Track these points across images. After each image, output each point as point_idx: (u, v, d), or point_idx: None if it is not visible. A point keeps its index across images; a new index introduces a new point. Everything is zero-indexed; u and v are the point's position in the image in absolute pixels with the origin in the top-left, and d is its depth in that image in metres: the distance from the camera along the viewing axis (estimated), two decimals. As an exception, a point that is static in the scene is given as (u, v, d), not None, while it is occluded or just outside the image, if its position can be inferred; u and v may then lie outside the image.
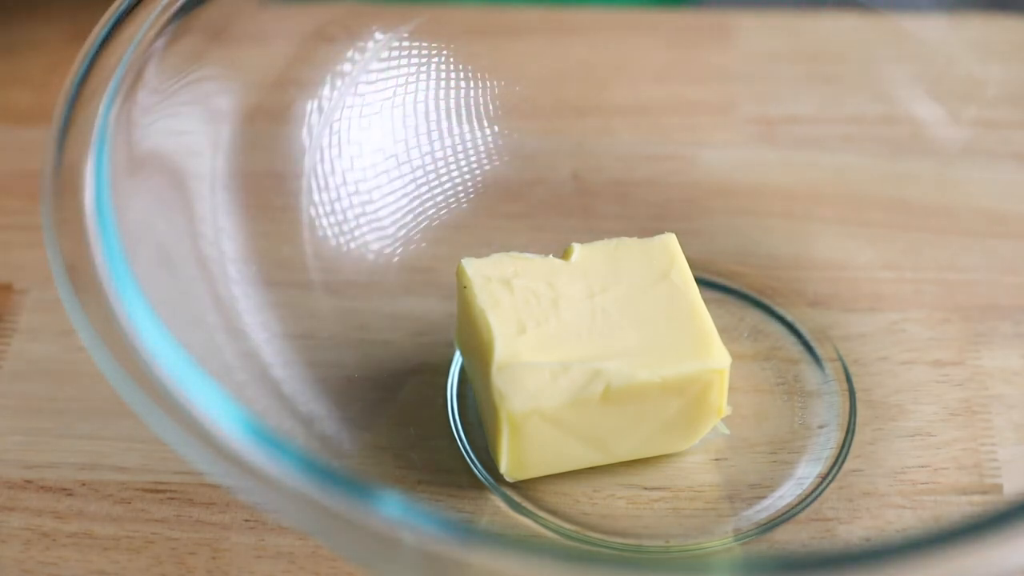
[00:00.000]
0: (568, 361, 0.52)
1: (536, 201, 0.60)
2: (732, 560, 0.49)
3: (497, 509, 0.53)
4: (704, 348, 0.52)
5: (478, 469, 0.54)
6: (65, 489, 0.54)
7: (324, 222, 0.57)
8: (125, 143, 0.49)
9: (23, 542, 0.53)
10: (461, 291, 0.54)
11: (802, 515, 0.52)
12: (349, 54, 0.59)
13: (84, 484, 0.54)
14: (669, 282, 0.54)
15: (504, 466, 0.52)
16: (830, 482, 0.53)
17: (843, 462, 0.54)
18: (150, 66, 0.51)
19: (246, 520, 0.53)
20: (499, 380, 0.51)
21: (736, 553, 0.52)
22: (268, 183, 0.56)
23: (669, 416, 0.52)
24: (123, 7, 0.52)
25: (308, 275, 0.56)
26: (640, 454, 0.53)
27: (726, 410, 0.53)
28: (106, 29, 0.51)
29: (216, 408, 0.43)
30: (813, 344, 0.57)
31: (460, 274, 0.54)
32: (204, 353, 0.47)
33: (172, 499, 0.54)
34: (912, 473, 0.53)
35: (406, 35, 0.60)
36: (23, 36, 0.71)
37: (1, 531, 0.53)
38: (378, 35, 0.59)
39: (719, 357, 0.52)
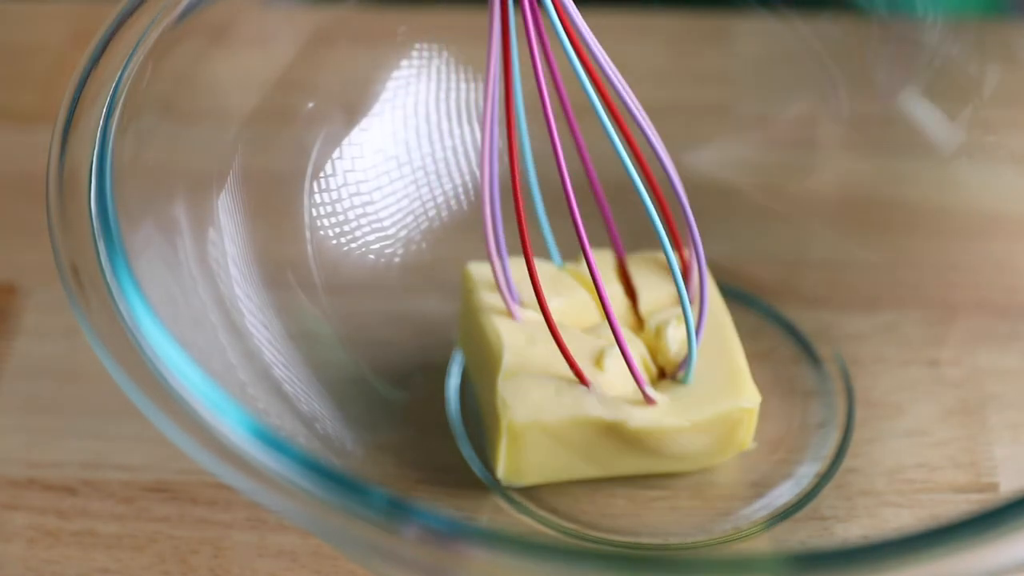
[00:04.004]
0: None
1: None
2: (731, 558, 0.49)
3: (497, 507, 0.53)
4: (734, 386, 0.52)
5: (478, 468, 0.54)
6: (68, 488, 0.55)
7: (325, 222, 0.57)
8: (128, 144, 0.50)
9: (27, 540, 0.53)
10: (467, 295, 0.54)
11: (800, 513, 0.53)
12: (350, 56, 0.59)
13: (87, 483, 0.55)
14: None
15: (501, 472, 0.52)
16: (828, 481, 0.53)
17: (841, 461, 0.54)
18: (153, 68, 0.51)
19: (248, 519, 0.54)
20: (504, 389, 0.51)
21: (734, 551, 0.52)
22: (270, 184, 0.56)
23: (689, 451, 0.52)
24: (126, 9, 0.52)
25: (310, 276, 0.56)
26: (642, 471, 0.53)
27: (750, 445, 0.53)
28: (109, 31, 0.51)
29: (217, 407, 0.43)
30: (811, 344, 0.57)
31: (466, 278, 0.54)
32: (206, 352, 0.47)
33: (175, 498, 0.54)
34: (909, 472, 0.53)
35: (406, 36, 0.60)
36: (27, 37, 0.71)
37: (5, 529, 0.54)
38: (379, 37, 0.60)
39: (750, 395, 0.52)
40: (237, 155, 0.55)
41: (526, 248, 0.49)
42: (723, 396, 0.52)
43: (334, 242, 0.57)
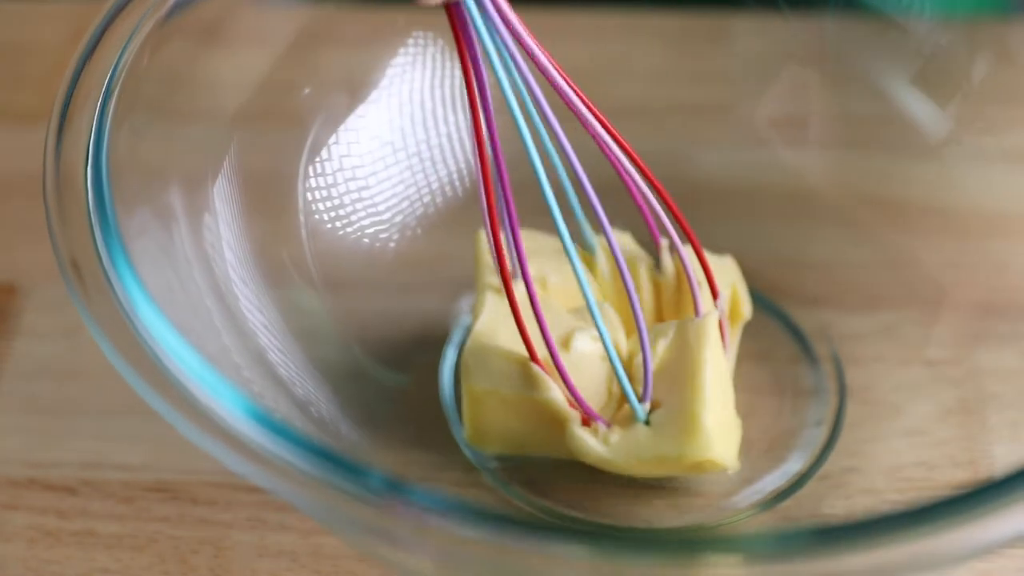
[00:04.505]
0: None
1: (534, 201, 0.60)
2: (701, 540, 0.49)
3: (491, 491, 0.53)
4: (685, 431, 0.50)
5: (471, 452, 0.54)
6: (68, 488, 0.55)
7: (320, 207, 0.57)
8: (124, 134, 0.50)
9: (27, 540, 0.53)
10: (475, 262, 0.55)
11: (799, 512, 0.53)
12: (347, 43, 0.59)
13: (87, 483, 0.55)
14: (685, 338, 0.52)
15: (465, 433, 0.53)
16: (812, 476, 0.53)
17: (827, 457, 0.54)
18: (149, 59, 0.51)
19: (248, 519, 0.54)
20: (469, 354, 0.52)
21: (710, 534, 0.52)
22: (266, 170, 0.56)
23: (647, 475, 0.52)
24: (119, 4, 0.52)
25: (304, 260, 0.56)
26: None
27: (735, 466, 0.52)
28: (99, 28, 0.51)
29: (214, 389, 0.43)
30: (810, 343, 0.57)
31: (476, 244, 0.54)
32: (202, 337, 0.47)
33: (175, 498, 0.54)
34: (908, 470, 0.53)
35: (403, 25, 0.60)
36: (26, 37, 0.71)
37: (5, 529, 0.54)
38: (375, 24, 0.60)
39: (699, 446, 0.50)
40: (233, 143, 0.55)
41: (493, 218, 0.49)
42: (678, 444, 0.50)
43: (329, 227, 0.57)
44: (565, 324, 0.52)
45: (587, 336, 0.52)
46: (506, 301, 0.52)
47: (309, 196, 0.57)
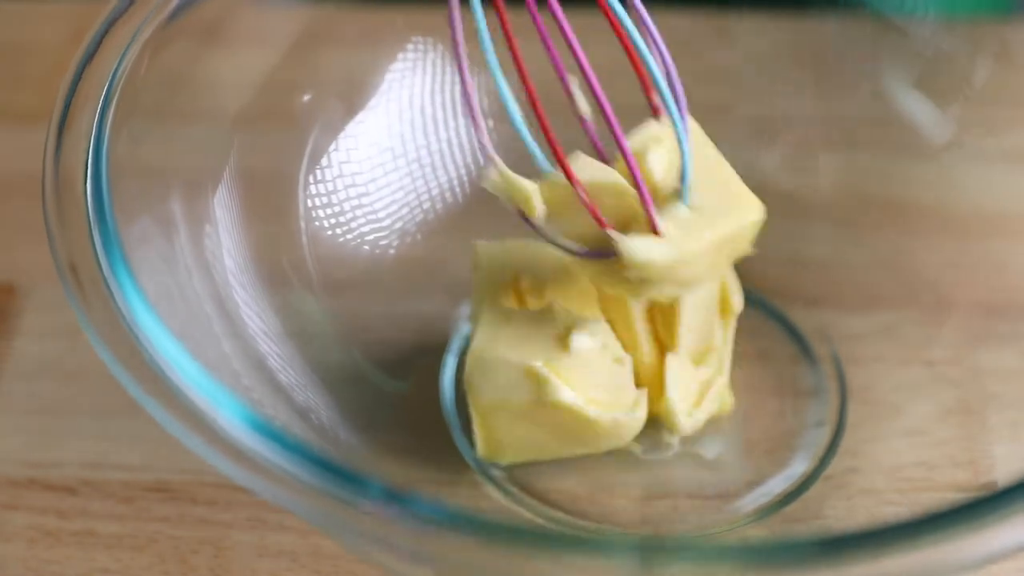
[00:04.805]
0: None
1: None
2: (693, 545, 0.49)
3: (495, 503, 0.53)
4: (736, 199, 0.51)
5: (472, 460, 0.54)
6: (68, 488, 0.55)
7: (321, 214, 0.57)
8: (123, 140, 0.50)
9: (27, 540, 0.53)
10: (473, 273, 0.55)
11: (800, 513, 0.53)
12: (347, 49, 0.59)
13: (87, 483, 0.55)
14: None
15: (479, 450, 0.53)
16: (816, 479, 0.53)
17: (830, 460, 0.54)
18: (148, 63, 0.51)
19: (248, 519, 0.54)
20: (472, 370, 0.51)
21: (715, 542, 0.52)
22: (266, 176, 0.56)
23: (689, 277, 0.51)
24: (119, 8, 0.52)
25: (305, 267, 0.56)
26: (623, 444, 0.53)
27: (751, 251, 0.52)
28: (99, 32, 0.51)
29: (212, 397, 0.43)
30: (809, 343, 0.57)
31: (473, 256, 0.55)
32: (201, 344, 0.47)
33: (175, 498, 0.54)
34: (908, 471, 0.53)
35: (402, 30, 0.60)
36: (26, 37, 0.71)
37: (5, 529, 0.54)
38: (375, 30, 0.60)
39: (755, 207, 0.51)
40: (233, 149, 0.55)
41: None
42: (729, 211, 0.50)
43: (329, 234, 0.57)
44: (563, 319, 0.52)
45: (584, 335, 0.52)
46: (502, 313, 0.52)
47: (309, 203, 0.57)
